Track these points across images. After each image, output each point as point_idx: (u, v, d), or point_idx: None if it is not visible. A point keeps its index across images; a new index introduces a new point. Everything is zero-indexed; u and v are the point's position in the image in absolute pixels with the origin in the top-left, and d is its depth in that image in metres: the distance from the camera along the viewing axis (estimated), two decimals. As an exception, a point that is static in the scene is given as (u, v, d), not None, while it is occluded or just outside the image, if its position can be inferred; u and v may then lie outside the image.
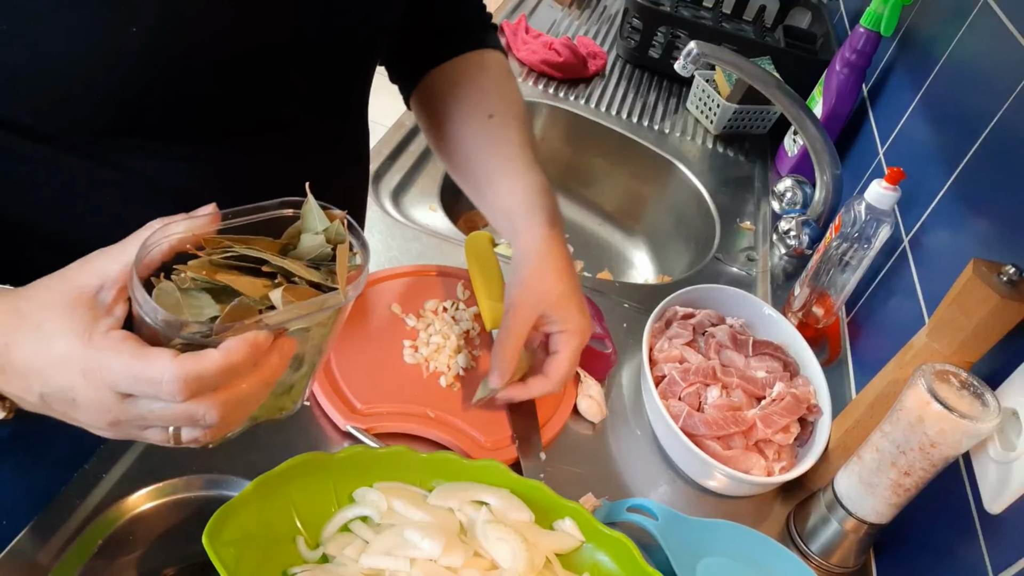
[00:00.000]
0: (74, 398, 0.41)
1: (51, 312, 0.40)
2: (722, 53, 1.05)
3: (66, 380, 0.40)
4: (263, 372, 0.42)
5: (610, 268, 1.25)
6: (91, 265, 0.41)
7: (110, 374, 0.39)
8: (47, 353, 0.40)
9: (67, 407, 0.42)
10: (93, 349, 0.39)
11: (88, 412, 0.41)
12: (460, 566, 0.54)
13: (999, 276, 0.62)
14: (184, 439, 0.42)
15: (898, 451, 0.62)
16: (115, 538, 0.58)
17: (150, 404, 0.40)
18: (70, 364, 0.40)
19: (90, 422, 0.42)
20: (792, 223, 1.09)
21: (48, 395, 0.42)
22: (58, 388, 0.41)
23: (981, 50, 0.89)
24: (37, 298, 0.42)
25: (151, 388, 0.39)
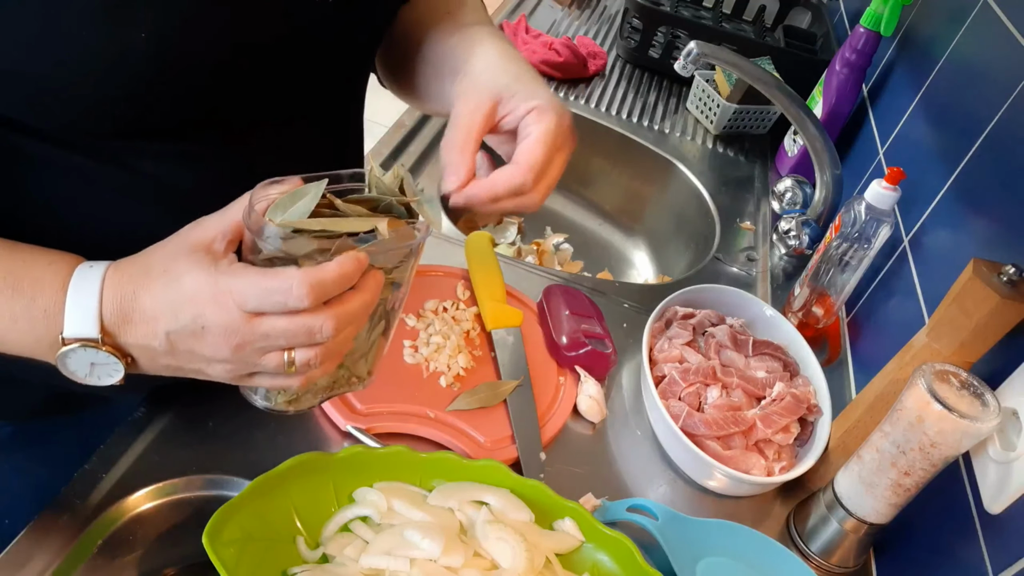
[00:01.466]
0: (203, 325, 0.45)
1: (176, 259, 0.46)
2: (722, 53, 1.05)
3: (196, 308, 0.45)
4: (364, 294, 0.47)
5: (610, 268, 1.25)
6: (200, 225, 0.47)
7: (241, 293, 0.44)
8: (177, 290, 0.45)
9: (194, 340, 0.46)
10: (223, 276, 0.44)
11: (215, 338, 0.45)
12: (460, 566, 0.54)
13: (999, 276, 0.62)
14: (298, 363, 0.47)
15: (898, 451, 0.62)
16: (115, 538, 0.58)
17: (274, 321, 0.45)
18: (200, 294, 0.44)
19: (214, 353, 0.46)
20: (792, 223, 1.09)
21: (176, 331, 0.45)
22: (189, 319, 0.45)
23: (981, 50, 0.89)
24: (159, 251, 0.47)
25: (281, 296, 0.44)
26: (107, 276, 0.46)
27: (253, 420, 0.67)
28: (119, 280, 0.46)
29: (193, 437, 0.64)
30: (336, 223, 0.46)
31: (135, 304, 0.46)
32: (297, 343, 0.46)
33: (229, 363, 0.47)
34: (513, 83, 0.56)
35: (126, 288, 0.46)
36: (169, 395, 0.66)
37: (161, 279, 0.45)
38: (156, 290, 0.45)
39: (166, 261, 0.46)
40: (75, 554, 0.56)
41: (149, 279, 0.46)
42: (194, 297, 0.45)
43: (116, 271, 0.47)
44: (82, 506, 0.58)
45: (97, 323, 0.46)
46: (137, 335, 0.46)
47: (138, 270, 0.46)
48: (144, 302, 0.46)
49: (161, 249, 0.47)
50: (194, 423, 0.65)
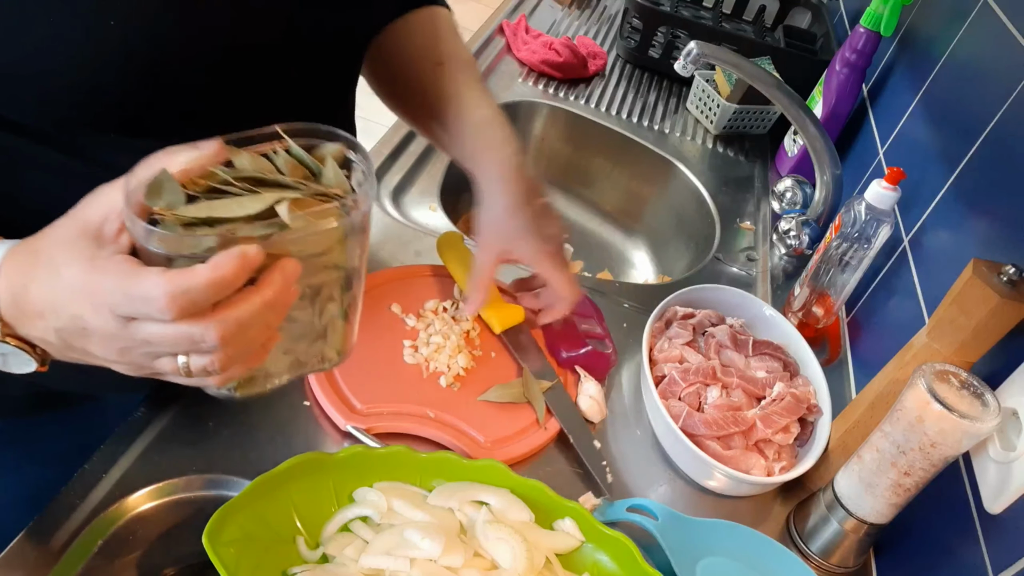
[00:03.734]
0: (84, 327, 0.41)
1: (60, 247, 0.41)
2: (722, 53, 1.05)
3: (75, 308, 0.41)
4: (264, 293, 0.40)
5: (610, 268, 1.25)
6: (96, 199, 0.41)
7: (106, 294, 0.39)
8: (58, 284, 0.41)
9: (82, 340, 0.42)
10: (95, 273, 0.40)
11: (99, 342, 0.42)
12: (460, 566, 0.54)
13: (999, 276, 0.62)
14: (194, 370, 0.42)
15: (898, 451, 0.62)
16: (115, 538, 0.58)
17: (148, 327, 0.40)
18: (76, 291, 0.40)
19: (104, 355, 0.43)
20: (792, 223, 1.09)
21: (62, 330, 0.42)
22: (69, 318, 0.41)
23: (981, 50, 0.89)
24: (49, 236, 0.42)
25: (143, 305, 0.39)
26: (4, 263, 0.43)
27: (253, 420, 0.67)
28: (13, 269, 0.43)
29: (193, 437, 0.64)
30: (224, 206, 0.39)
31: (26, 297, 0.42)
32: (182, 351, 0.41)
33: (124, 364, 0.43)
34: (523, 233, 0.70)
35: (17, 280, 0.43)
36: (169, 395, 0.66)
37: (45, 271, 0.42)
38: (41, 282, 0.42)
39: (52, 247, 0.42)
40: (75, 554, 0.56)
41: (36, 270, 0.42)
42: (71, 293, 0.40)
43: (12, 258, 0.43)
44: (82, 506, 0.58)
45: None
46: (32, 329, 0.43)
47: (28, 258, 0.43)
48: (32, 295, 0.42)
49: (52, 231, 0.42)
50: (194, 423, 0.65)
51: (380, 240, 0.90)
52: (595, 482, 0.70)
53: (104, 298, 0.40)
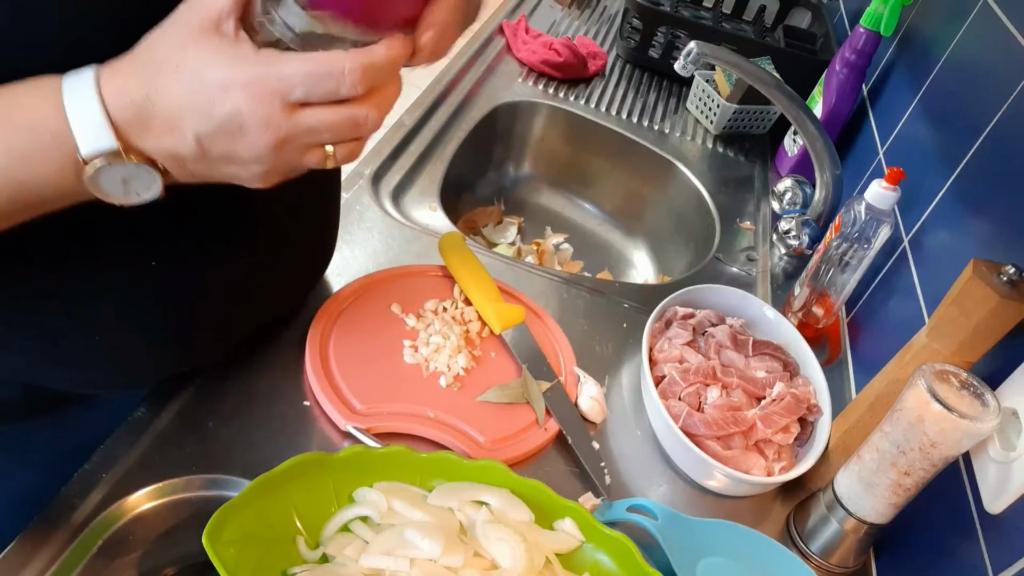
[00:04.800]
0: (241, 124, 0.41)
1: (187, 50, 0.40)
2: (722, 53, 1.05)
3: (229, 104, 0.41)
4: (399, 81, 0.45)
5: (610, 268, 1.25)
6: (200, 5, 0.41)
7: (286, 80, 0.40)
8: (201, 86, 0.40)
9: (230, 141, 0.42)
10: (258, 65, 0.40)
11: (255, 136, 0.42)
12: (460, 566, 0.54)
13: (999, 276, 0.62)
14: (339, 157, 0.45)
15: (898, 451, 0.62)
16: (115, 538, 0.58)
17: (321, 113, 0.42)
18: (231, 87, 0.40)
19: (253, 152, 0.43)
20: (792, 223, 1.09)
21: (208, 133, 0.41)
22: (223, 118, 0.41)
23: (981, 50, 0.89)
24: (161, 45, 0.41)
25: (333, 82, 0.41)
26: (101, 79, 0.41)
27: (253, 420, 0.67)
28: (121, 83, 0.41)
29: (193, 437, 0.64)
30: None
31: (151, 109, 0.41)
32: (342, 136, 0.44)
33: (267, 164, 0.44)
34: None
35: (134, 92, 0.41)
36: (169, 395, 0.67)
37: (176, 76, 0.40)
38: (173, 90, 0.41)
39: (175, 54, 0.41)
40: (75, 554, 0.56)
41: (160, 77, 0.41)
42: (224, 91, 0.40)
43: (112, 73, 0.41)
44: (82, 506, 0.58)
45: (111, 131, 0.41)
46: (161, 142, 0.42)
47: (142, 69, 0.41)
48: (164, 103, 0.41)
49: (161, 41, 0.41)
50: (194, 423, 0.65)
51: (380, 240, 0.90)
52: (594, 483, 0.70)
53: (279, 84, 0.40)
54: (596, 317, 0.89)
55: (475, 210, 1.23)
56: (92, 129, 0.41)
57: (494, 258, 0.94)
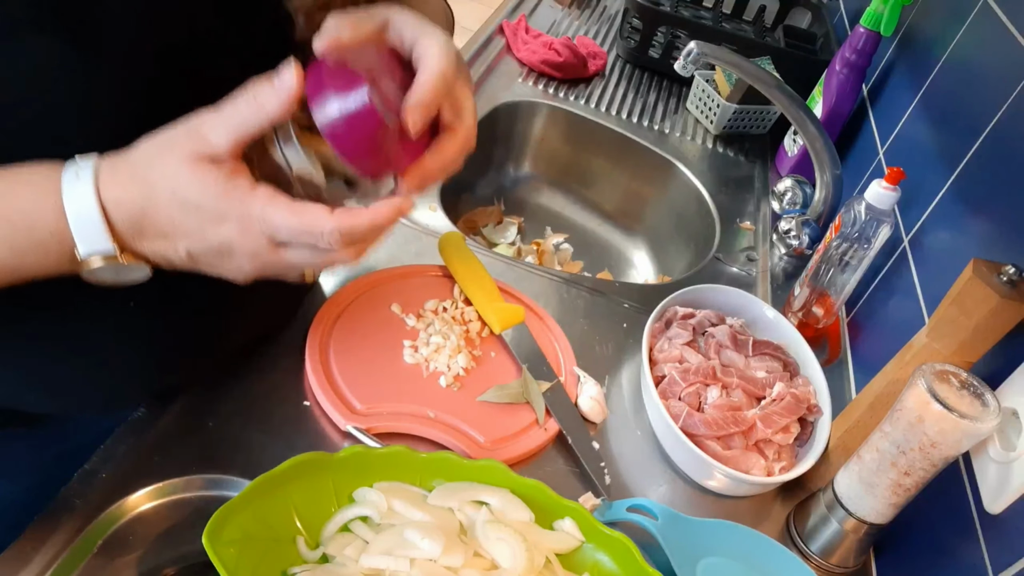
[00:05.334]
0: (230, 249, 0.45)
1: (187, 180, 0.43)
2: (722, 53, 1.05)
3: (222, 235, 0.45)
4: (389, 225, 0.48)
5: (610, 268, 1.25)
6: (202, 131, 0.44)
7: (270, 226, 0.44)
8: (196, 215, 0.44)
9: (219, 258, 0.46)
10: (251, 206, 0.44)
11: (241, 260, 0.46)
12: (460, 566, 0.54)
13: (999, 276, 0.62)
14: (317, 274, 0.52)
15: (898, 451, 0.62)
16: (115, 538, 0.58)
17: (300, 252, 0.46)
18: (225, 220, 0.44)
19: (237, 269, 0.47)
20: (792, 223, 1.09)
21: (199, 252, 0.46)
22: (214, 244, 0.45)
23: (981, 50, 0.89)
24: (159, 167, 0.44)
25: (312, 239, 0.45)
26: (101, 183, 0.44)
27: (253, 420, 0.67)
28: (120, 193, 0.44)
29: (193, 437, 0.64)
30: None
31: (145, 222, 0.44)
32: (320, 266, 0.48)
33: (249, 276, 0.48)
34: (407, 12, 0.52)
35: (131, 204, 0.44)
36: (169, 395, 0.66)
37: (172, 201, 0.44)
38: (170, 211, 0.44)
39: (172, 180, 0.43)
40: (75, 554, 0.56)
41: (156, 197, 0.44)
42: (219, 223, 0.44)
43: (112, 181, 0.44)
44: (82, 506, 0.58)
45: (109, 236, 0.44)
46: (154, 248, 0.46)
47: (140, 184, 0.44)
48: (158, 221, 0.44)
49: (160, 163, 0.44)
50: (194, 423, 0.65)
51: (380, 240, 0.90)
52: (594, 483, 0.70)
53: (265, 227, 0.44)
54: (596, 317, 0.89)
55: (475, 210, 1.23)
56: (91, 233, 0.44)
57: (494, 258, 0.94)
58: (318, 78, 0.45)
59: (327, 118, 0.45)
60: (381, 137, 0.46)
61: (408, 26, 0.50)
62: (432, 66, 0.49)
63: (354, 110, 0.45)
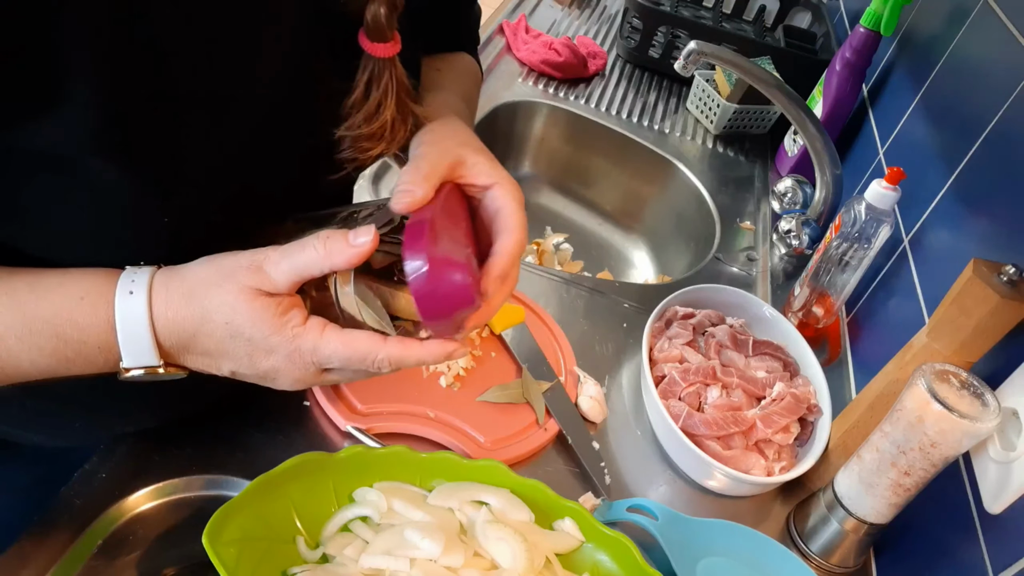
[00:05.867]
0: (276, 376, 0.48)
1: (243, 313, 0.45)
2: (722, 53, 1.05)
3: (270, 364, 0.47)
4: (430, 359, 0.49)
5: (610, 268, 1.25)
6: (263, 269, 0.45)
7: (321, 357, 0.46)
8: (247, 346, 0.46)
9: (262, 380, 0.49)
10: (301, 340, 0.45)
11: (284, 382, 0.48)
12: (460, 566, 0.54)
13: (999, 276, 0.62)
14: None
15: (898, 451, 0.62)
16: (115, 538, 0.58)
17: (346, 374, 0.48)
18: (274, 352, 0.46)
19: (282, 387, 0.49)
20: (792, 223, 1.09)
21: (244, 375, 0.48)
22: (261, 371, 0.47)
23: (981, 50, 0.89)
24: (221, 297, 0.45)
25: (363, 366, 0.46)
26: (155, 307, 0.45)
27: (253, 420, 0.67)
28: (171, 317, 0.45)
29: (193, 437, 0.64)
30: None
31: (196, 345, 0.46)
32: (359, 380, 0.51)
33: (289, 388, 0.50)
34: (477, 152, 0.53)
35: (182, 329, 0.45)
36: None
37: (226, 329, 0.45)
38: (221, 338, 0.45)
39: (228, 311, 0.45)
40: (75, 554, 0.56)
41: (209, 324, 0.45)
42: (269, 354, 0.46)
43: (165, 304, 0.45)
44: (82, 506, 0.58)
45: (155, 354, 0.45)
46: (198, 364, 0.48)
47: (193, 312, 0.45)
48: (207, 345, 0.46)
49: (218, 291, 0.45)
50: (194, 423, 0.65)
51: (380, 240, 0.90)
52: (594, 483, 0.70)
53: (317, 358, 0.46)
54: (596, 317, 0.89)
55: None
56: (139, 351, 0.45)
57: (494, 258, 0.94)
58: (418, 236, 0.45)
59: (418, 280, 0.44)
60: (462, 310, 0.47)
61: (483, 174, 0.52)
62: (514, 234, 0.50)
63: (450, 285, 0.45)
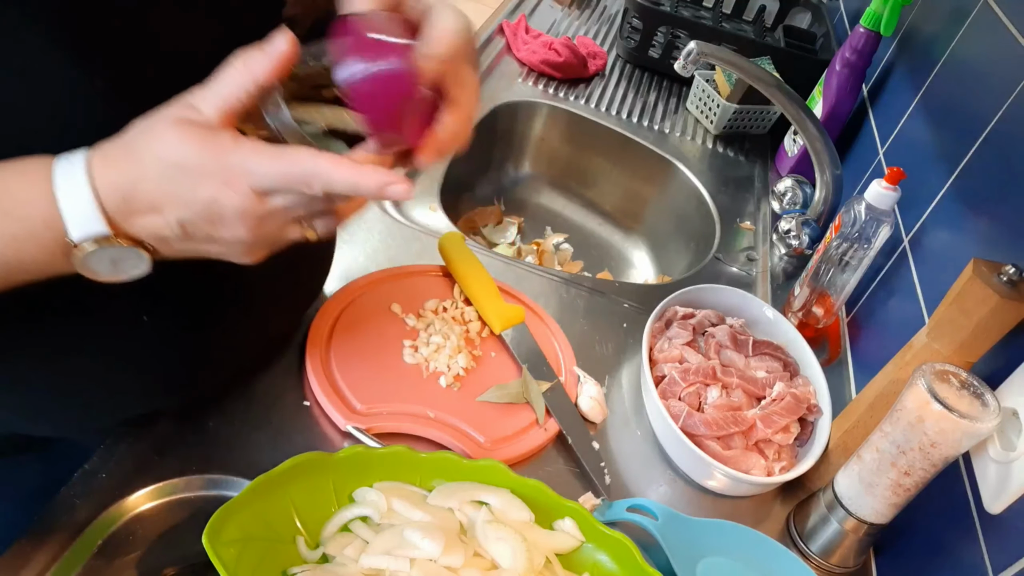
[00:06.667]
0: (219, 211, 0.43)
1: (173, 142, 0.42)
2: (722, 53, 1.05)
3: (207, 194, 0.43)
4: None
5: (610, 268, 1.25)
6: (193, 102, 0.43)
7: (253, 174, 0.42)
8: (181, 176, 0.42)
9: (210, 225, 0.44)
10: (233, 156, 0.42)
11: (232, 223, 0.44)
12: (460, 566, 0.54)
13: (999, 276, 0.62)
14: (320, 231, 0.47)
15: (898, 451, 0.62)
16: (115, 538, 0.58)
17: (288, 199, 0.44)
18: (207, 177, 0.42)
19: (233, 235, 0.45)
20: (792, 223, 1.09)
21: (189, 219, 0.44)
22: (201, 206, 0.43)
23: (981, 50, 0.89)
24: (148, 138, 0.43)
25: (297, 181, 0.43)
26: (93, 167, 0.43)
27: (253, 420, 0.67)
28: (109, 169, 0.43)
29: (193, 437, 0.64)
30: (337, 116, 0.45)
31: (137, 196, 0.43)
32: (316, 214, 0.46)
33: (248, 244, 0.46)
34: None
35: (120, 178, 0.43)
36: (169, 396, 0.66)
37: (158, 165, 0.42)
38: (157, 179, 0.43)
39: (160, 143, 0.43)
40: (75, 554, 0.56)
41: (144, 164, 0.43)
42: (202, 181, 0.42)
43: (102, 162, 0.43)
44: (82, 506, 0.58)
45: (102, 217, 0.43)
46: (147, 225, 0.44)
47: (128, 156, 0.43)
48: (147, 192, 0.43)
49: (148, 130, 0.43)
50: (194, 423, 0.65)
51: (380, 240, 0.90)
52: (594, 483, 0.70)
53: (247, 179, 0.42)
54: (596, 317, 0.89)
55: (475, 210, 1.23)
56: (83, 216, 0.43)
57: (494, 258, 0.94)
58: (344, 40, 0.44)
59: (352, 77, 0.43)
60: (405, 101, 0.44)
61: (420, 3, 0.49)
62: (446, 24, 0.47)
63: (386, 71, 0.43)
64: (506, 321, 0.79)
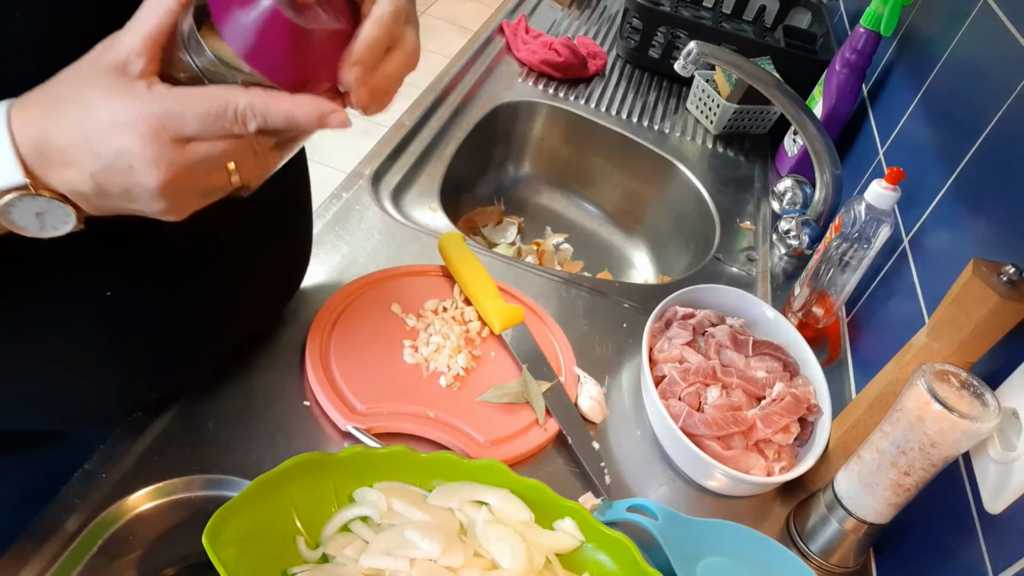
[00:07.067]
0: (129, 163, 0.40)
1: (85, 86, 0.40)
2: (722, 53, 1.05)
3: (119, 143, 0.40)
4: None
5: (610, 268, 1.25)
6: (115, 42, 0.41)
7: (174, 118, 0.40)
8: (92, 124, 0.40)
9: (123, 178, 0.41)
10: (147, 102, 0.40)
11: (144, 175, 0.41)
12: (460, 566, 0.54)
13: (999, 276, 0.62)
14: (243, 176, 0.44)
15: (898, 451, 0.62)
16: (115, 538, 0.58)
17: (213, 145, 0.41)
18: (118, 126, 0.40)
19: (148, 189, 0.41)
20: (792, 223, 1.09)
21: (101, 172, 0.41)
22: (111, 156, 0.40)
23: (981, 50, 0.89)
24: (67, 80, 0.41)
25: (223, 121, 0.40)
26: (12, 115, 0.41)
27: (253, 420, 0.67)
28: (27, 118, 0.41)
29: (193, 437, 0.64)
30: None
31: (50, 144, 0.40)
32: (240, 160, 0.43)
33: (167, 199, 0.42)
34: None
35: (35, 128, 0.40)
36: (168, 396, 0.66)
37: (72, 112, 0.40)
38: (69, 126, 0.40)
39: (75, 89, 0.40)
40: (75, 554, 0.56)
41: (58, 112, 0.40)
42: (113, 129, 0.40)
43: (21, 108, 0.41)
44: (82, 506, 0.58)
45: (19, 166, 0.40)
46: (62, 178, 0.41)
47: (44, 105, 0.41)
48: (58, 141, 0.40)
49: (69, 76, 0.41)
50: (194, 423, 0.65)
51: (380, 240, 0.90)
52: (594, 483, 0.70)
53: (163, 123, 0.40)
54: (596, 317, 0.89)
55: (475, 210, 1.23)
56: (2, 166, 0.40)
57: (494, 258, 0.94)
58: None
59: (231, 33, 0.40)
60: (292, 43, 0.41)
61: None
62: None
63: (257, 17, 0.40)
64: (506, 321, 0.79)
